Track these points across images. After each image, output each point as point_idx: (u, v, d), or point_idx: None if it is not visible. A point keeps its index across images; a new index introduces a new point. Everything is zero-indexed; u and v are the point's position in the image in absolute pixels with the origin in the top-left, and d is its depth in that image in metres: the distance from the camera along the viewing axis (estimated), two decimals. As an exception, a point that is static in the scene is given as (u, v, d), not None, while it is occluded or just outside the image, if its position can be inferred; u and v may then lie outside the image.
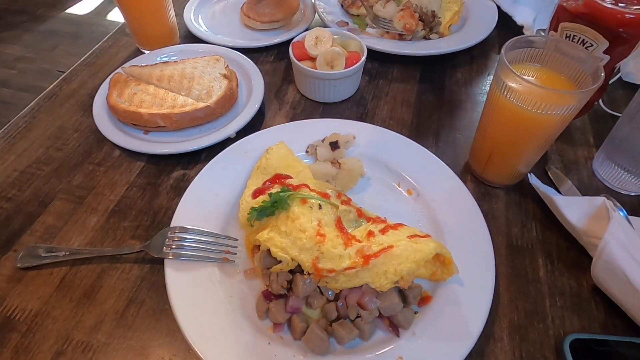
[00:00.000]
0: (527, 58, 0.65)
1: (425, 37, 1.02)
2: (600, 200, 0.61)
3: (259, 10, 1.04)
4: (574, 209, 0.63)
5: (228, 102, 0.83)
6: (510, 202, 0.73)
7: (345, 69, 0.83)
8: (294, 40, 0.89)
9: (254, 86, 0.88)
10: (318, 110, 0.89)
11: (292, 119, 0.87)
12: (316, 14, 1.08)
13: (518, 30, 1.05)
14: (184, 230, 0.62)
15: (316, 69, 0.84)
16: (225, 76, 0.86)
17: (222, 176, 0.70)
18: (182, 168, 0.77)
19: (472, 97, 0.93)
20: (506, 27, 1.07)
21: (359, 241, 0.56)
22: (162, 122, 0.77)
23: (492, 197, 0.73)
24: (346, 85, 0.88)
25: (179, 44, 1.05)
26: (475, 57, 1.03)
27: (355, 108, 0.89)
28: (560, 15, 0.69)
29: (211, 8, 1.15)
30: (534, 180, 0.70)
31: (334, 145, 0.71)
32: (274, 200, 0.58)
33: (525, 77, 0.56)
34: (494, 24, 1.04)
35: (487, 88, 0.95)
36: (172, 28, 1.02)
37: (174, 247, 0.60)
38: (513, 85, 0.59)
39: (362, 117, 0.87)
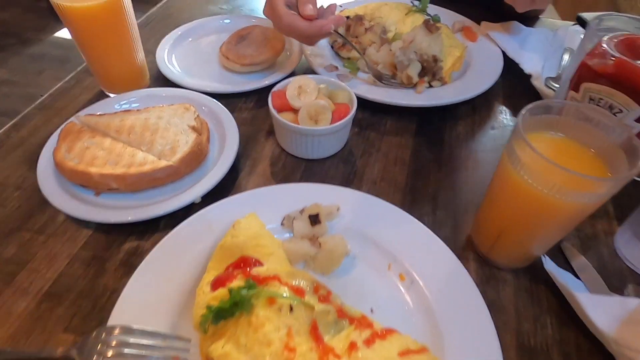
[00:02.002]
0: (545, 125, 0.57)
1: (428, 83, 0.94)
2: (636, 303, 0.51)
3: (238, 52, 0.97)
4: (601, 310, 0.53)
5: (195, 159, 0.74)
6: (520, 288, 0.63)
7: (331, 124, 0.75)
8: (274, 89, 0.81)
9: (227, 139, 0.79)
10: (300, 168, 0.80)
11: (269, 178, 0.78)
12: (303, 56, 1.01)
13: (524, 77, 0.98)
14: (123, 331, 0.51)
15: (298, 124, 0.75)
16: (194, 128, 0.77)
17: (179, 255, 0.60)
18: (137, 238, 0.67)
19: (474, 153, 0.84)
20: (511, 73, 1.00)
21: (338, 357, 0.46)
22: (115, 184, 0.68)
23: (499, 282, 0.63)
24: (332, 142, 0.79)
25: (149, 86, 0.97)
26: (478, 107, 0.95)
27: (342, 166, 0.81)
28: (583, 74, 0.61)
29: (187, 47, 1.07)
30: (549, 265, 0.60)
31: (314, 220, 0.61)
32: (234, 299, 0.48)
33: (545, 156, 0.47)
34: (499, 72, 0.97)
35: (491, 144, 0.87)
36: (141, 69, 0.94)
37: (109, 355, 0.50)
38: (530, 162, 0.50)
39: (350, 178, 0.78)
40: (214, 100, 0.87)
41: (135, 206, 0.68)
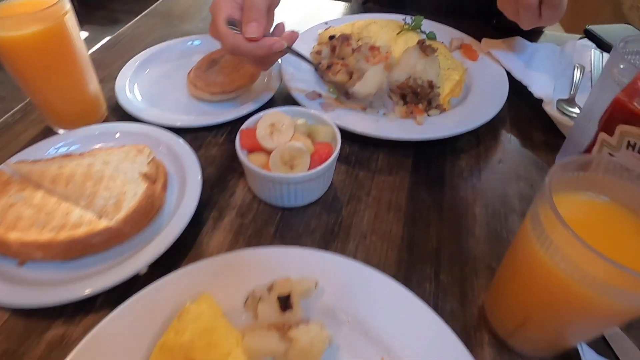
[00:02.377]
0: (581, 184, 0.43)
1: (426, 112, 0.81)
2: None
3: (208, 79, 0.84)
4: None
5: (144, 216, 0.60)
6: (551, 381, 0.49)
7: (309, 170, 0.62)
8: (243, 127, 0.68)
9: (188, 186, 0.66)
10: (274, 219, 0.66)
11: (237, 234, 0.64)
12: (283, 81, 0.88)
13: (532, 99, 0.85)
14: None
15: (270, 170, 0.62)
16: (146, 176, 0.64)
17: (112, 354, 0.46)
18: (64, 322, 0.53)
19: (481, 195, 0.71)
20: (518, 94, 0.88)
21: None
22: (40, 254, 0.54)
23: (524, 374, 0.50)
24: (312, 188, 0.66)
25: (106, 120, 0.84)
26: (482, 136, 0.82)
27: (325, 216, 0.67)
28: (618, 114, 0.48)
29: (153, 72, 0.94)
30: (590, 356, 0.47)
31: (285, 304, 0.47)
32: None
33: (583, 241, 0.34)
34: (505, 96, 0.84)
35: (500, 182, 0.73)
36: (94, 101, 0.81)
37: None
38: (561, 242, 0.37)
39: (334, 231, 0.65)
40: (175, 136, 0.74)
41: (65, 281, 0.54)
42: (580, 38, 1.13)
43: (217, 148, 0.79)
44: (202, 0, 1.30)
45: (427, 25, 1.01)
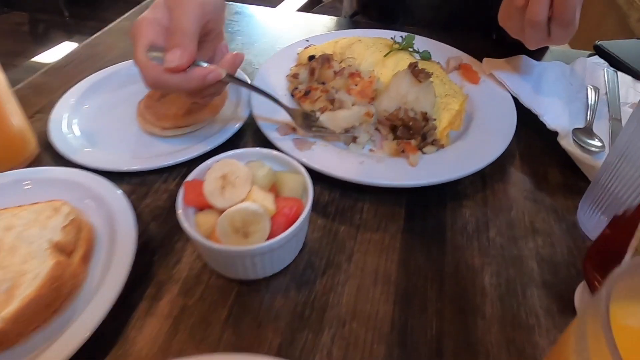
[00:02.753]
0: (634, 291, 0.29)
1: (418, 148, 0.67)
2: None
3: (159, 110, 0.70)
4: None
5: (46, 308, 0.45)
6: None
7: (269, 239, 0.47)
8: (189, 178, 0.53)
9: (117, 255, 0.51)
10: (228, 298, 0.51)
11: (176, 322, 0.49)
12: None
13: (543, 128, 0.71)
14: None
15: (218, 239, 0.47)
16: (58, 247, 0.49)
17: None
18: None
19: (491, 257, 0.57)
20: (527, 124, 0.74)
21: None
22: None
23: None
24: (275, 258, 0.51)
25: (34, 160, 0.69)
26: (489, 177, 0.68)
27: (293, 291, 0.52)
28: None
29: (98, 101, 0.79)
30: None
31: None
32: None
33: None
34: (513, 128, 0.70)
35: (514, 240, 0.59)
36: (16, 139, 0.66)
37: None
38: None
39: (305, 315, 0.50)
40: (111, 185, 0.59)
41: None
42: (590, 55, 1.01)
43: (167, 196, 0.64)
44: None
45: (420, 42, 0.88)
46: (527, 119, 0.74)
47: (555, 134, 0.71)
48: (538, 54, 0.99)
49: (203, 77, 0.55)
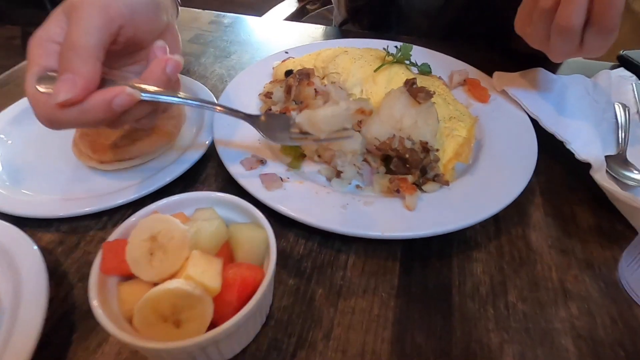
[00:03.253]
0: None
1: (417, 186, 0.54)
2: None
3: (97, 140, 0.57)
4: None
5: None
6: None
7: (215, 324, 0.34)
8: (110, 238, 0.41)
9: (15, 334, 0.38)
10: (162, 401, 0.38)
11: None
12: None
13: (570, 158, 0.58)
14: None
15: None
16: None
17: None
18: None
19: (512, 331, 0.44)
20: (549, 151, 0.61)
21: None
22: None
23: None
24: (222, 348, 0.38)
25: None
26: (504, 221, 0.56)
27: (250, 389, 0.39)
28: None
29: (25, 131, 0.65)
30: None
31: None
32: None
33: None
34: (534, 159, 0.58)
35: (541, 306, 0.46)
36: None
37: None
38: None
39: None
40: (25, 238, 0.47)
41: None
42: (614, 66, 0.88)
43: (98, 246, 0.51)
44: None
45: (418, 53, 0.75)
46: (547, 144, 0.61)
47: (584, 164, 0.58)
48: (552, 67, 0.87)
49: (106, 105, 0.41)
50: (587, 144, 0.60)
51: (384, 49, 0.69)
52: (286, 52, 0.80)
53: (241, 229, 0.43)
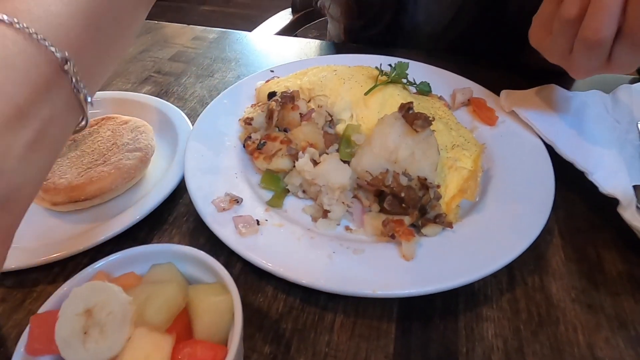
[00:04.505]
0: None
1: (415, 227, 0.48)
2: None
3: (49, 180, 0.51)
4: None
5: None
6: None
7: None
8: (41, 310, 0.34)
9: None
10: None
11: None
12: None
13: (593, 190, 0.51)
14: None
15: None
16: None
17: None
18: None
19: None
20: (567, 182, 0.55)
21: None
22: None
23: None
24: None
25: None
26: (518, 265, 0.48)
27: None
28: None
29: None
30: None
31: None
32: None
33: None
34: (552, 195, 0.51)
35: (567, 381, 0.39)
36: None
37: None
38: None
39: None
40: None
41: None
42: (633, 80, 0.82)
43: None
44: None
45: (416, 70, 0.69)
46: (565, 173, 0.54)
47: (609, 197, 0.51)
48: (565, 83, 0.81)
49: None
50: (612, 175, 0.53)
51: (377, 67, 0.63)
52: (271, 71, 0.74)
53: (203, 292, 0.36)
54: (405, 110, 0.49)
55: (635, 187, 0.53)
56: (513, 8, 0.75)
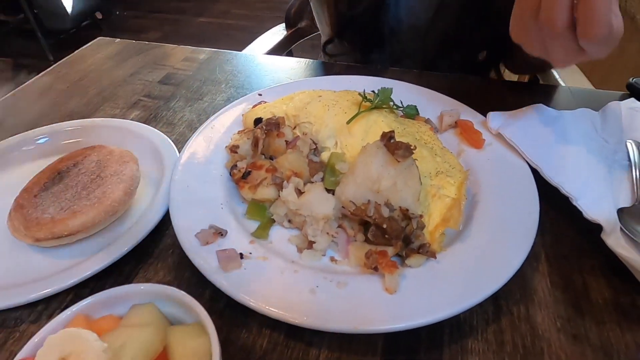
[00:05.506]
0: None
1: (400, 257, 0.48)
2: None
3: (32, 213, 0.52)
4: None
5: None
6: None
7: None
8: (17, 357, 0.34)
9: None
10: None
11: None
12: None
13: (579, 216, 0.52)
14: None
15: None
16: None
17: None
18: None
19: None
20: (549, 199, 0.55)
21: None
22: None
23: None
24: None
25: None
26: (503, 293, 0.48)
27: None
28: None
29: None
30: None
31: None
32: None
33: None
34: (536, 221, 0.51)
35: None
36: None
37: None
38: None
39: None
40: None
41: None
42: (623, 96, 0.82)
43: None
44: (100, 73, 0.96)
45: (404, 91, 0.70)
46: (552, 196, 0.55)
47: (594, 224, 0.52)
48: (551, 101, 0.82)
49: None
50: (596, 200, 0.53)
51: (360, 94, 0.63)
52: (259, 95, 0.75)
53: (181, 335, 0.36)
54: (387, 139, 0.49)
55: (620, 210, 0.54)
56: (499, 3, 0.78)
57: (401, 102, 0.67)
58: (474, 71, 0.90)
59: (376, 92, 0.63)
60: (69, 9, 4.01)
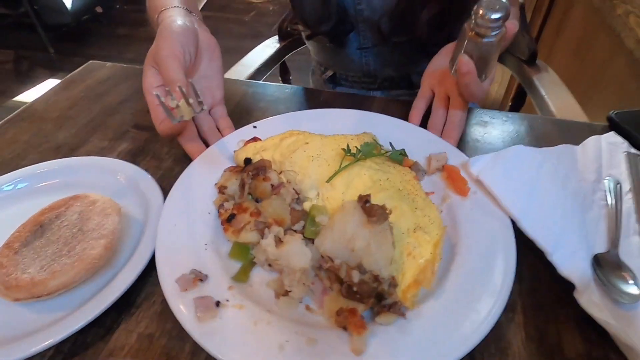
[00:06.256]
0: None
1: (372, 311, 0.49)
2: None
3: (11, 273, 0.52)
4: None
5: None
6: None
7: None
8: None
9: None
10: None
11: None
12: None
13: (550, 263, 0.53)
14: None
15: None
16: None
17: None
18: None
19: None
20: (527, 249, 0.55)
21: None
22: None
23: None
24: None
25: None
26: (477, 351, 0.49)
27: None
28: None
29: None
30: None
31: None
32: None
33: None
34: (511, 279, 0.52)
35: None
36: None
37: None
38: None
39: None
40: None
41: None
42: (604, 128, 0.81)
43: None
44: (84, 104, 0.97)
45: (394, 129, 0.70)
46: (531, 242, 0.55)
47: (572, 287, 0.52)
48: (533, 130, 0.81)
49: None
50: (570, 255, 0.54)
51: (344, 149, 0.63)
52: (254, 127, 0.75)
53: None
54: (363, 202, 0.50)
55: (595, 257, 0.55)
56: None
57: (391, 144, 0.68)
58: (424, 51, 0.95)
59: (359, 148, 0.63)
60: (68, 4, 3.99)
